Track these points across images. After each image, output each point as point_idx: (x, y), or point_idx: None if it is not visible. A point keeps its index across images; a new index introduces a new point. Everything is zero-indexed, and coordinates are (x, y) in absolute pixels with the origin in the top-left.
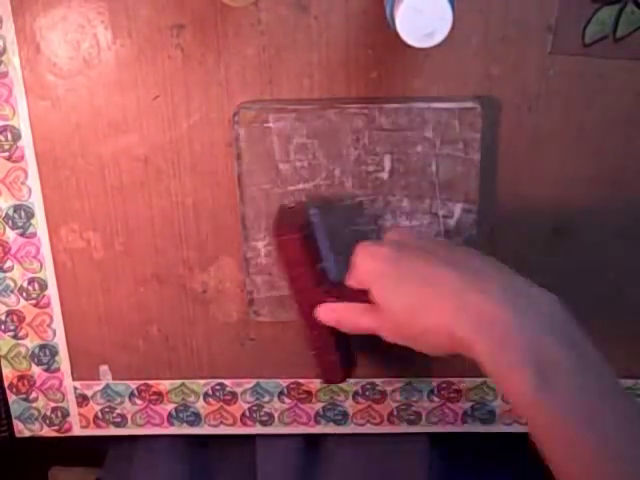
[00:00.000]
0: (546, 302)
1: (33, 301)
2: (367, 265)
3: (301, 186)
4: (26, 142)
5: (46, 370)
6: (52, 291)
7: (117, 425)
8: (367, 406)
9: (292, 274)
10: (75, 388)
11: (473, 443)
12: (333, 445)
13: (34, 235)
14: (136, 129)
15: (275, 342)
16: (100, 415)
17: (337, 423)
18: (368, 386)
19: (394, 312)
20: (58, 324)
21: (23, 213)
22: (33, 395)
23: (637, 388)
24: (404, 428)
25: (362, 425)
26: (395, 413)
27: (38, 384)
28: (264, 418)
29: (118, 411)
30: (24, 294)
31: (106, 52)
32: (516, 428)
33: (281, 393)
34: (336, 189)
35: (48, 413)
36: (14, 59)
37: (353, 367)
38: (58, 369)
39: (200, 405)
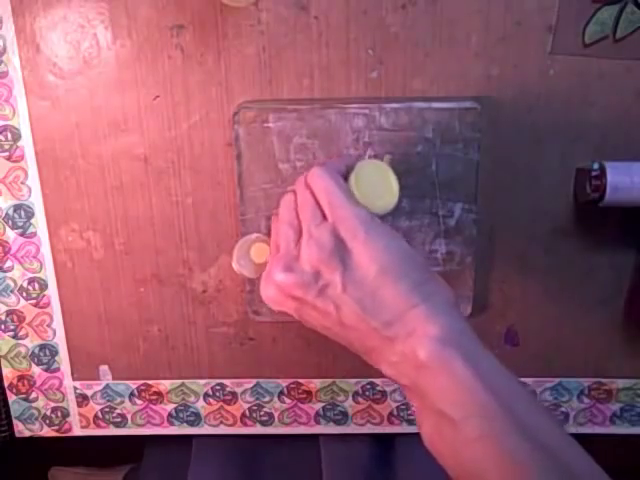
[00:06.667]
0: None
1: (33, 301)
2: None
3: None
4: (26, 142)
5: (46, 370)
6: (52, 291)
7: (117, 425)
8: (367, 406)
9: None
10: (75, 388)
11: None
12: (404, 445)
13: (34, 235)
14: (136, 129)
15: (275, 342)
16: (100, 415)
17: (337, 423)
18: (368, 386)
19: None
20: (58, 324)
21: (23, 213)
22: (33, 395)
23: (637, 388)
24: (404, 428)
25: (362, 425)
26: (395, 413)
27: (38, 384)
28: (264, 418)
29: (118, 411)
30: (24, 294)
31: (106, 52)
32: None
33: (281, 393)
34: None
35: (48, 413)
36: (14, 59)
37: None
38: (58, 369)
39: (200, 405)
